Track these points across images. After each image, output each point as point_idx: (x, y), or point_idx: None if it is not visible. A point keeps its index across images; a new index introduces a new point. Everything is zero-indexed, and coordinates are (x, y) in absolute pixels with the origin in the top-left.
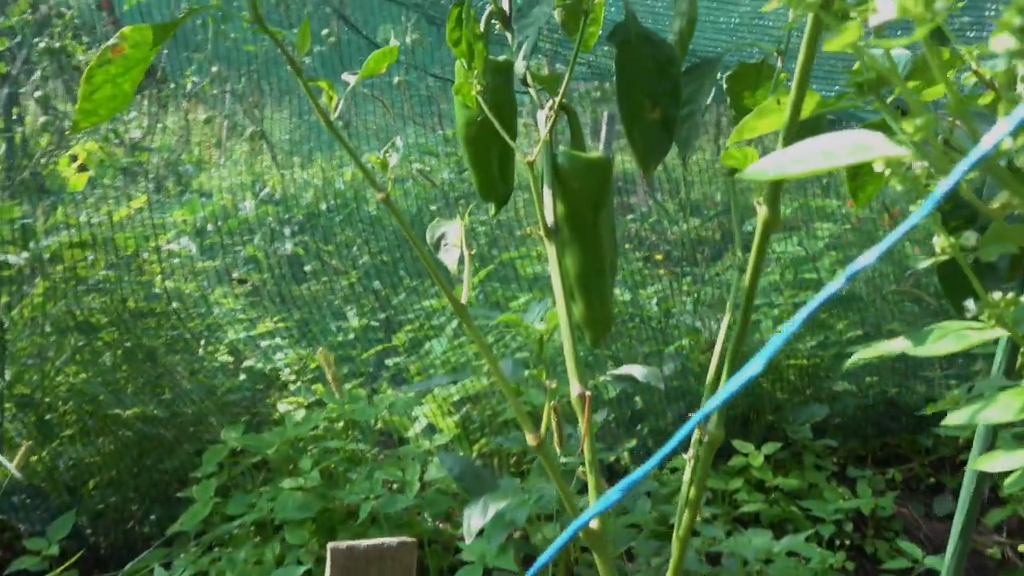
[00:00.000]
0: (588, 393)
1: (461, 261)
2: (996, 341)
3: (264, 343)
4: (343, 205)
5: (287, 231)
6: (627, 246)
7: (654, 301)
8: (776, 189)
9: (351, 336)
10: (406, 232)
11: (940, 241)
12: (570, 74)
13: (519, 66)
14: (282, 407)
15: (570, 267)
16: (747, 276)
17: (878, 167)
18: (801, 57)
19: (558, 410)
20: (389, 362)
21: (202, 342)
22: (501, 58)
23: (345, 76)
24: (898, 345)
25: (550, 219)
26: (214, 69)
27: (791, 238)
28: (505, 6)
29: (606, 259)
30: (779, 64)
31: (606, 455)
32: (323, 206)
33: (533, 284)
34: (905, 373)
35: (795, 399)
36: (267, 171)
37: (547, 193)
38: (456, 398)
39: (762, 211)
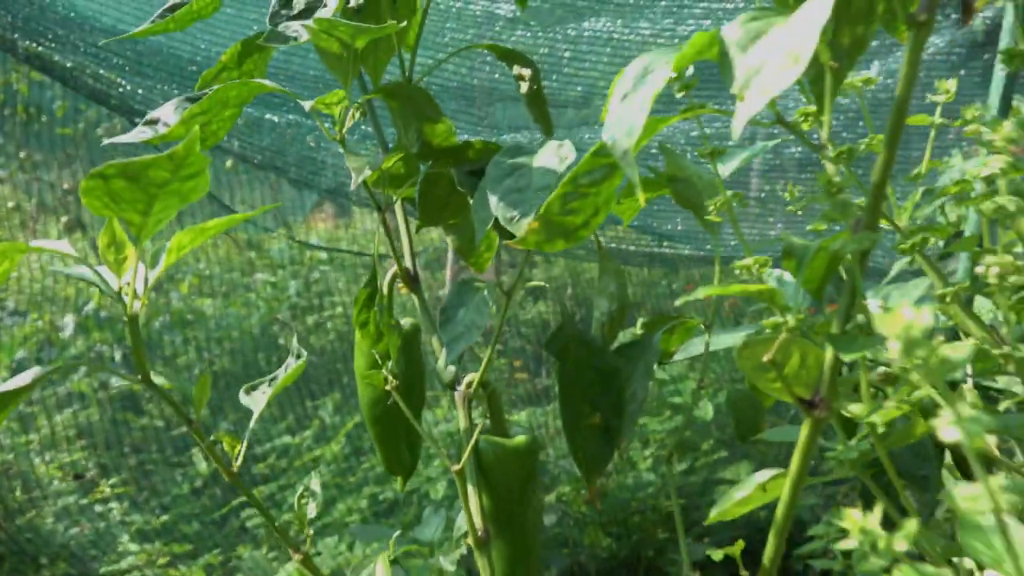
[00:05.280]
0: None
1: None
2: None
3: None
4: (180, 322)
5: (118, 355)
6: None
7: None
8: (833, 371)
9: (198, 483)
10: None
11: None
12: (491, 356)
13: (448, 372)
14: None
15: (496, 563)
16: (785, 493)
17: None
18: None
19: None
20: (247, 519)
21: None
22: (406, 323)
23: None
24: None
25: (480, 527)
26: (23, 154)
27: None
28: (408, 264)
29: (533, 551)
30: (707, 339)
31: None
32: (156, 323)
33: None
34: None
35: (675, 536)
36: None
37: (472, 494)
38: None
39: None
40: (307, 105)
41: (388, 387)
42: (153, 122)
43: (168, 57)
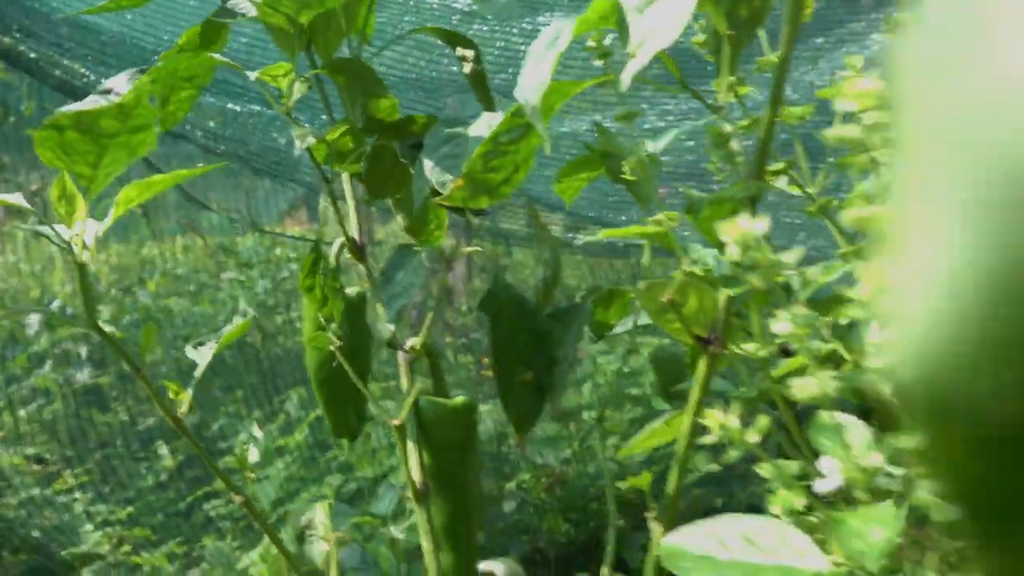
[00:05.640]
0: None
1: (328, 558)
2: None
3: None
4: (148, 320)
5: (83, 351)
6: (447, 339)
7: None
8: (727, 311)
9: (163, 477)
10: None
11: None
12: (432, 319)
13: (386, 330)
14: None
15: (436, 518)
16: (684, 425)
17: None
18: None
19: None
20: (211, 510)
21: None
22: (352, 291)
23: None
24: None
25: (419, 481)
26: None
27: (613, 351)
28: (355, 235)
29: (473, 508)
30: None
31: None
32: (124, 320)
33: None
34: (727, 482)
35: (634, 521)
36: (51, 265)
37: (412, 450)
38: None
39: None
40: (252, 75)
41: (332, 347)
42: (106, 92)
43: (131, 48)
